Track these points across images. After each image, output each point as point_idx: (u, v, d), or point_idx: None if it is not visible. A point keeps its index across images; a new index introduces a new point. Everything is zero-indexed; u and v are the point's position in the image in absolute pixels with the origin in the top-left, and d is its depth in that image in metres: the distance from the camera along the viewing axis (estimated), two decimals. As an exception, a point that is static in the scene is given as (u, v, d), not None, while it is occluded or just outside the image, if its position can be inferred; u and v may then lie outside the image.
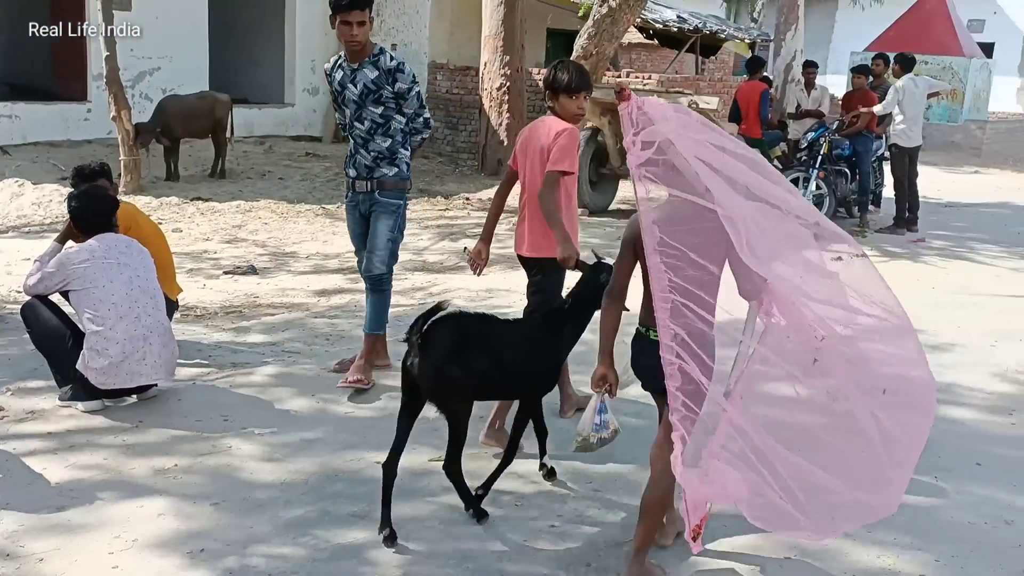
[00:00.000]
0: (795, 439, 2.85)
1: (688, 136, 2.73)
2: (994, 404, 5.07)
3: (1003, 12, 29.29)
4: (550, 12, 16.34)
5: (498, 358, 3.46)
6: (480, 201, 11.28)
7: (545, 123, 4.13)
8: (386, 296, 4.93)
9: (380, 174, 4.76)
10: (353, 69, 4.66)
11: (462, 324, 3.48)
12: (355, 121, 4.73)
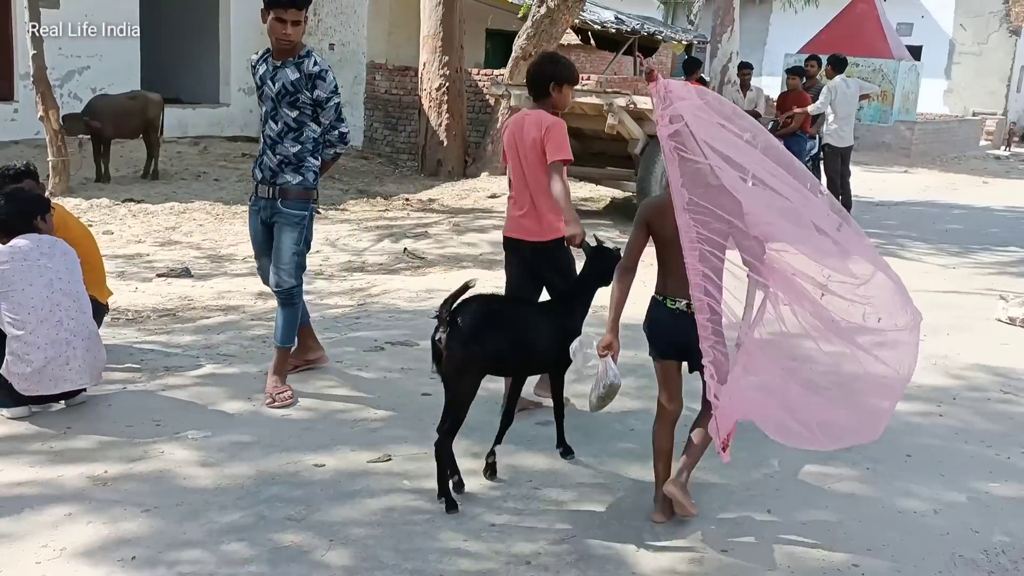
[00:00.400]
0: (799, 378, 3.30)
1: (700, 116, 3.15)
2: (924, 397, 5.19)
3: (930, 16, 30.12)
4: (490, 13, 16.35)
5: (517, 337, 3.71)
6: (420, 202, 11.24)
7: (531, 116, 4.31)
8: (298, 308, 4.73)
9: (283, 181, 4.52)
10: (276, 66, 4.49)
11: (487, 305, 3.70)
12: (269, 120, 4.54)
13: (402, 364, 5.25)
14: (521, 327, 3.77)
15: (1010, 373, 5.67)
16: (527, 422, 4.50)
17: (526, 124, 4.31)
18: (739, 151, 3.18)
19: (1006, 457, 4.39)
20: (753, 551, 3.40)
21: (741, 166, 3.17)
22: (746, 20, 25.67)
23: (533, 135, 4.24)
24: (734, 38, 16.45)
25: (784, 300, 3.23)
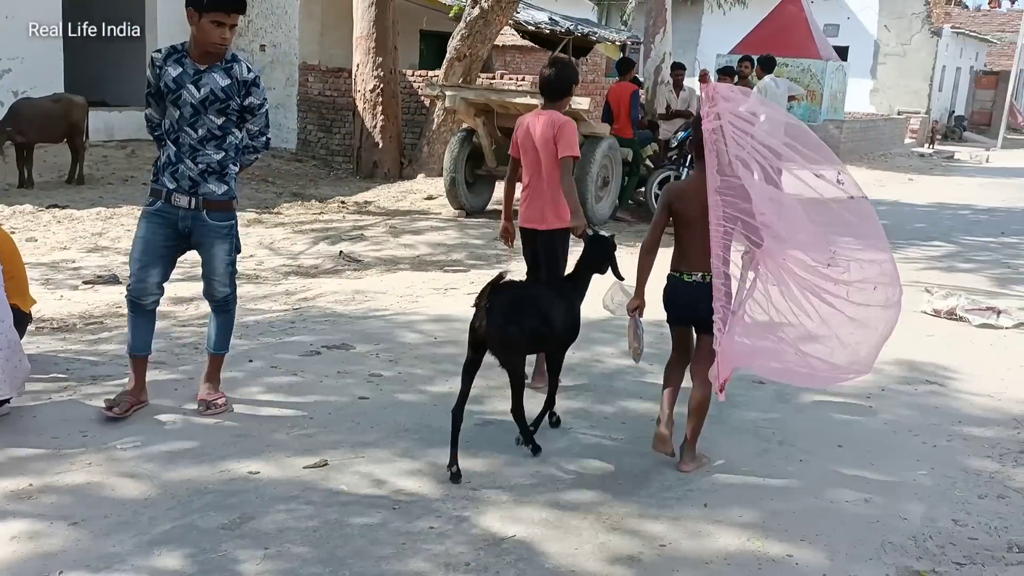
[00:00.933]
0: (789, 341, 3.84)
1: (734, 119, 3.71)
2: (853, 389, 5.29)
3: (856, 18, 30.89)
4: (423, 14, 16.28)
5: (543, 317, 4.16)
6: (356, 204, 11.13)
7: (544, 116, 4.76)
8: (233, 314, 4.61)
9: (207, 191, 4.29)
10: (199, 70, 4.21)
11: (518, 291, 4.13)
12: (187, 127, 4.23)
13: (339, 368, 5.19)
14: (545, 307, 4.21)
15: (936, 365, 5.82)
16: (466, 420, 4.48)
17: (540, 123, 4.73)
18: (756, 152, 3.71)
19: (932, 446, 4.50)
20: (690, 546, 3.43)
21: (754, 163, 3.70)
22: (678, 21, 26.01)
23: (548, 133, 4.68)
24: (667, 39, 16.62)
25: (773, 280, 3.77)
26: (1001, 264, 9.41)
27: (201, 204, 4.30)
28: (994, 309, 6.99)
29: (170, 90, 4.23)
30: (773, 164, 3.76)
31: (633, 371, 5.37)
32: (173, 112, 4.26)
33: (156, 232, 4.33)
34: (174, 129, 4.27)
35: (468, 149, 10.43)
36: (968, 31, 35.72)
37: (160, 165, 4.34)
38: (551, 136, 4.67)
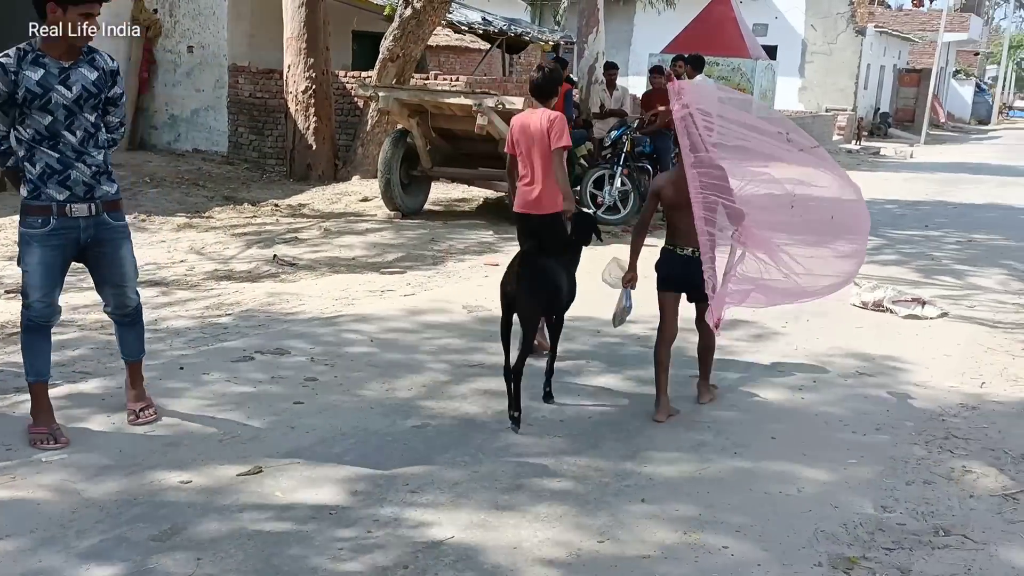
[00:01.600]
0: (774, 279, 4.64)
1: (702, 108, 4.37)
2: (785, 382, 5.40)
3: (784, 17, 31.48)
4: (355, 14, 16.13)
5: (556, 283, 4.85)
6: (290, 207, 10.98)
7: (537, 113, 5.37)
8: (143, 320, 4.46)
9: (103, 193, 4.06)
10: (64, 68, 3.91)
11: (540, 262, 4.78)
12: (64, 131, 3.94)
13: (273, 373, 5.11)
14: (557, 276, 4.88)
15: (865, 356, 5.96)
16: (401, 425, 4.46)
17: (533, 119, 5.34)
18: (726, 134, 4.44)
19: (862, 435, 4.60)
20: (628, 541, 3.45)
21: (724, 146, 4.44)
22: (611, 21, 26.20)
23: (541, 127, 5.26)
24: (600, 38, 16.73)
25: (760, 250, 4.54)
26: (925, 256, 9.67)
27: (101, 208, 4.09)
28: (919, 300, 7.18)
29: (35, 96, 3.88)
30: (752, 139, 4.53)
31: (573, 371, 5.40)
32: (40, 118, 3.91)
33: (56, 255, 4.05)
34: (46, 136, 3.94)
35: (403, 150, 10.36)
36: (891, 30, 36.68)
37: (37, 177, 3.96)
38: (545, 129, 5.24)
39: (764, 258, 4.57)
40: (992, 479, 4.10)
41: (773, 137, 4.76)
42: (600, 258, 5.47)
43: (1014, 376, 5.61)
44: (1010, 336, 6.53)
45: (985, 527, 3.62)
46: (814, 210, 4.84)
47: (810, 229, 4.85)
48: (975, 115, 48.70)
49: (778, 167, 4.77)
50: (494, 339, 5.93)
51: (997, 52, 57.51)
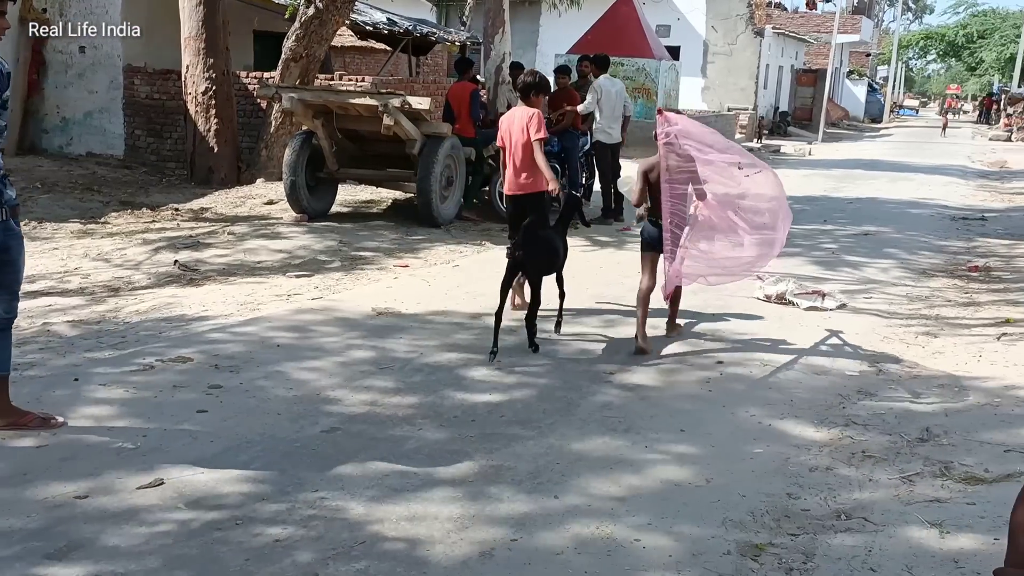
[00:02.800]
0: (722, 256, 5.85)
1: (683, 132, 5.59)
2: (693, 375, 5.49)
3: (685, 19, 32.12)
4: (256, 14, 15.80)
5: (553, 249, 6.08)
6: (191, 211, 10.68)
7: (520, 110, 6.51)
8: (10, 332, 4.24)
9: (8, 198, 3.96)
10: None
11: (539, 232, 5.95)
12: None
13: (174, 382, 4.95)
14: (553, 243, 6.10)
15: (768, 347, 6.10)
16: (310, 430, 4.37)
17: (517, 115, 6.48)
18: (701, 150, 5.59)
19: (768, 424, 4.71)
20: (542, 537, 3.44)
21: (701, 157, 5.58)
22: (517, 22, 26.29)
23: (523, 122, 6.36)
24: (506, 39, 16.76)
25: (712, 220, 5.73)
26: (824, 250, 9.98)
27: (8, 213, 3.98)
28: (819, 292, 7.39)
29: None
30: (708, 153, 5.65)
31: (483, 367, 5.38)
32: None
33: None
34: None
35: (308, 152, 10.18)
36: (788, 32, 37.80)
37: None
38: (526, 123, 6.34)
39: (718, 236, 5.79)
40: (890, 462, 4.23)
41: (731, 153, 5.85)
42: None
43: (908, 362, 5.82)
44: (904, 325, 6.78)
45: (884, 509, 3.73)
46: (756, 200, 5.92)
47: (754, 212, 5.87)
48: (868, 114, 50.61)
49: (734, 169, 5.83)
50: (405, 340, 5.89)
51: (887, 53, 59.87)
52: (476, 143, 10.97)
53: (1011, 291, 8.01)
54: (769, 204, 5.89)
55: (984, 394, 5.14)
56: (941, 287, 8.22)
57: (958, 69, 56.84)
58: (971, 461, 4.19)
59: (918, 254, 9.89)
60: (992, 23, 51.34)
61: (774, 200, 5.88)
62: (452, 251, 9.13)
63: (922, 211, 13.67)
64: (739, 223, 5.77)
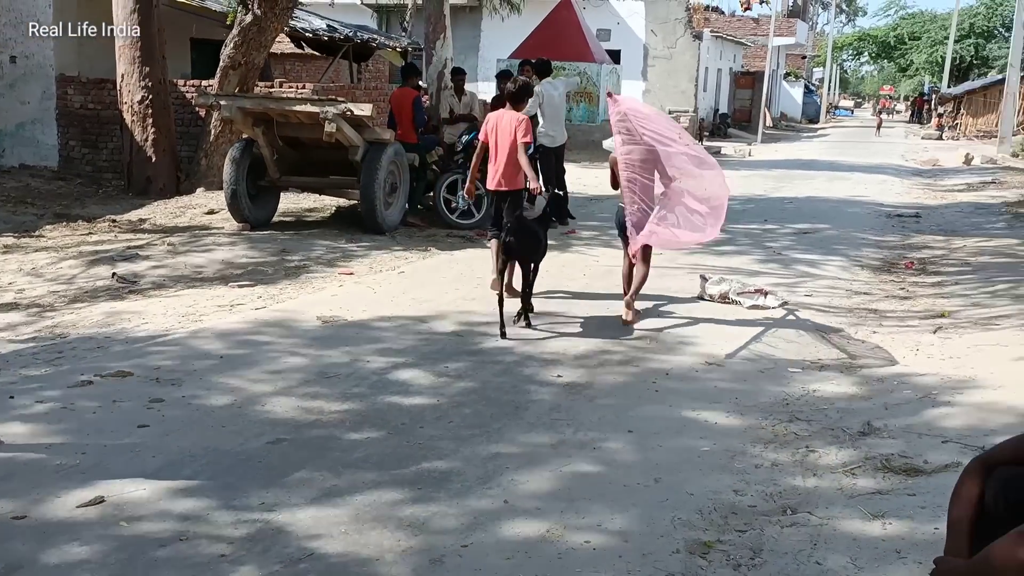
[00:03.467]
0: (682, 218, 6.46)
1: (633, 112, 6.45)
2: (639, 375, 5.53)
3: (625, 23, 32.38)
4: (193, 21, 15.58)
5: (538, 237, 6.72)
6: (129, 223, 10.47)
7: (510, 114, 7.05)
8: None
9: None
10: None
11: (527, 223, 6.64)
12: None
13: (114, 397, 4.84)
14: (538, 232, 6.78)
15: (713, 346, 6.17)
16: (255, 442, 4.31)
17: (505, 118, 7.03)
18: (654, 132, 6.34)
19: (714, 423, 4.76)
20: (492, 543, 3.44)
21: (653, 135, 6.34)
22: (458, 27, 26.25)
23: (512, 125, 6.96)
24: (447, 45, 16.73)
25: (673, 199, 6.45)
26: (765, 248, 10.13)
27: None
28: (761, 291, 7.50)
29: None
30: (666, 134, 6.41)
31: (430, 372, 5.36)
32: None
33: None
34: None
35: (249, 160, 10.05)
36: (725, 35, 38.35)
37: None
38: (515, 127, 6.93)
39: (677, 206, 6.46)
40: (833, 456, 4.30)
41: (676, 131, 6.69)
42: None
43: (850, 358, 5.92)
44: (843, 320, 6.91)
45: (828, 503, 3.79)
46: (700, 176, 6.54)
47: (699, 187, 6.52)
48: (805, 115, 51.55)
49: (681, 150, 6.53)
50: (351, 348, 5.83)
51: (822, 55, 61.07)
52: (419, 148, 10.93)
53: (945, 285, 8.22)
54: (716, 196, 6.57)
55: (922, 387, 5.25)
56: (879, 283, 8.41)
57: (890, 70, 58.18)
58: (911, 453, 4.27)
59: (857, 251, 10.10)
60: (921, 25, 52.69)
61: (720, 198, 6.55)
62: (397, 257, 9.08)
63: (859, 209, 13.96)
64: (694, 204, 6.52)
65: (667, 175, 6.42)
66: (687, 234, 6.48)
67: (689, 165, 6.46)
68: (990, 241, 10.68)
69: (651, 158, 6.40)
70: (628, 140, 6.39)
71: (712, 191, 6.51)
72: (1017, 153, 24.20)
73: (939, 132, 36.58)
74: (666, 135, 6.41)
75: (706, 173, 6.53)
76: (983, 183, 17.91)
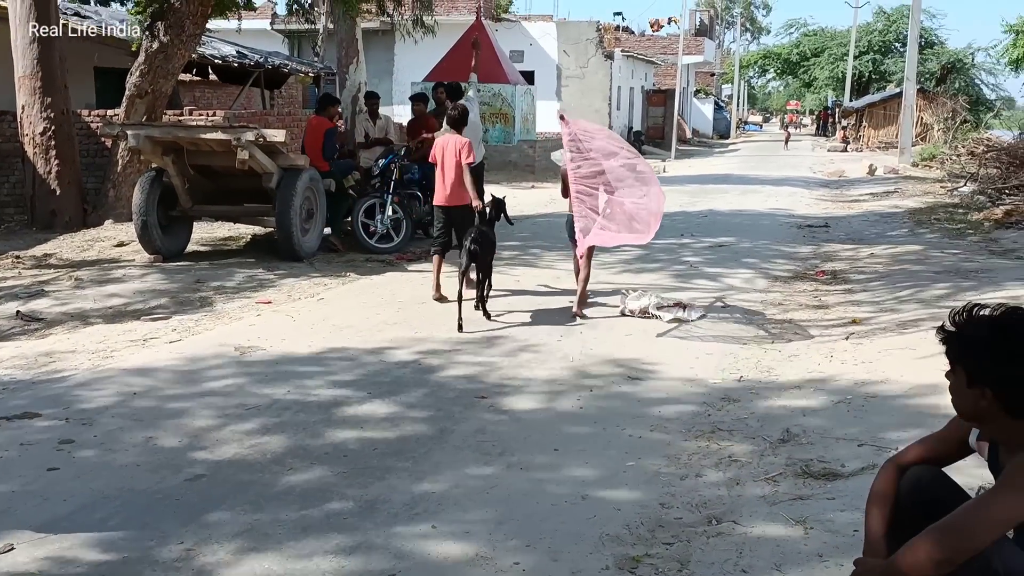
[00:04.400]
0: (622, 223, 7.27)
1: (584, 132, 7.37)
2: (563, 392, 5.55)
3: (537, 44, 32.77)
4: (96, 50, 15.19)
5: (491, 242, 7.65)
6: (34, 258, 10.09)
7: (453, 138, 7.94)
8: None
9: None
10: None
11: (484, 232, 7.55)
12: None
13: (21, 440, 4.64)
14: (491, 238, 7.69)
15: (635, 361, 6.23)
16: (172, 479, 4.17)
17: (451, 142, 7.91)
18: (600, 149, 7.34)
19: (638, 437, 4.79)
20: (419, 569, 3.39)
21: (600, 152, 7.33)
22: (371, 51, 26.17)
23: (456, 147, 7.85)
24: (361, 69, 16.67)
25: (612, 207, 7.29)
26: (682, 262, 10.31)
27: None
28: (681, 304, 7.62)
29: None
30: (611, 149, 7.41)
31: (356, 401, 5.28)
32: None
33: None
34: None
35: (159, 190, 9.82)
36: (636, 54, 39.12)
37: None
38: (458, 150, 7.82)
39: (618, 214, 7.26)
40: (755, 465, 4.38)
41: (618, 146, 7.65)
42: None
43: (767, 367, 6.05)
44: (760, 330, 7.06)
45: (752, 511, 3.85)
46: (638, 187, 7.37)
47: (638, 196, 7.33)
48: (716, 130, 52.86)
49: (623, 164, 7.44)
50: (271, 378, 5.72)
51: (730, 72, 62.73)
52: (333, 175, 10.85)
53: (855, 292, 8.47)
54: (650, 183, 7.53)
55: (837, 392, 5.39)
56: (793, 292, 8.62)
57: (795, 86, 60.05)
58: (829, 457, 4.37)
59: (770, 262, 10.34)
60: (822, 42, 54.55)
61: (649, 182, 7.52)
62: (316, 284, 8.96)
63: (771, 221, 14.33)
64: (629, 205, 7.35)
65: (610, 186, 7.27)
66: (627, 236, 7.36)
67: (630, 178, 7.34)
68: (895, 248, 11.06)
69: (596, 172, 7.28)
70: (577, 157, 7.28)
71: (649, 200, 7.31)
72: (917, 163, 25.21)
73: (844, 144, 37.86)
74: (610, 150, 7.38)
75: (645, 186, 7.35)
76: (886, 192, 18.57)
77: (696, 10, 52.57)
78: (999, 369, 2.33)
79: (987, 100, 43.13)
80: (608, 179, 7.27)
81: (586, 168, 7.26)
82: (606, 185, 7.28)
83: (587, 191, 7.26)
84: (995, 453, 2.51)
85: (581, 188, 7.25)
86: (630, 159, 7.49)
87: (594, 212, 7.21)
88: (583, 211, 7.21)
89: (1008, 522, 2.28)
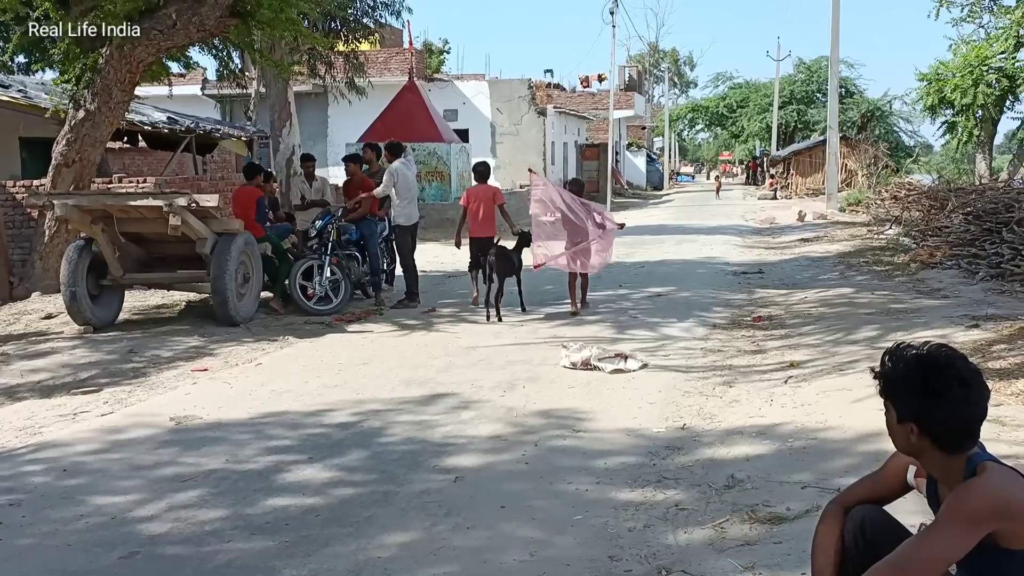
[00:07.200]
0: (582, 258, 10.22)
1: (548, 192, 10.45)
2: (508, 448, 5.50)
3: (471, 103, 33.20)
4: (21, 119, 14.94)
5: (512, 261, 10.37)
6: (-42, 333, 9.75)
7: (482, 187, 10.78)
8: None
9: None
10: None
11: (505, 250, 10.28)
12: None
13: (-57, 525, 4.43)
14: (513, 258, 10.34)
15: (579, 413, 6.22)
16: (106, 558, 4.01)
17: (483, 189, 10.75)
18: (563, 206, 10.18)
19: (585, 490, 4.76)
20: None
21: (561, 209, 10.24)
22: (305, 113, 26.22)
23: (490, 193, 10.74)
24: (294, 132, 16.67)
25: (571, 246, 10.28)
26: (622, 313, 10.39)
27: None
28: (622, 355, 7.65)
29: None
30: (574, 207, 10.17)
31: (292, 469, 5.16)
32: None
33: None
34: None
35: (88, 259, 9.61)
36: (568, 110, 39.82)
37: None
38: (492, 195, 10.72)
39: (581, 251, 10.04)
40: (702, 513, 4.37)
41: (578, 204, 10.29)
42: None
43: (709, 414, 6.09)
44: (702, 378, 7.12)
45: (701, 559, 3.83)
46: (596, 231, 10.16)
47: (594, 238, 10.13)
48: (650, 182, 53.83)
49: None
50: (208, 448, 5.57)
51: (660, 125, 64.16)
52: (269, 239, 10.77)
53: (792, 336, 8.61)
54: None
55: (779, 437, 5.44)
56: (731, 339, 8.73)
57: (724, 137, 61.63)
58: (774, 501, 4.39)
59: (708, 310, 10.48)
60: (747, 94, 56.19)
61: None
62: (254, 349, 8.81)
63: (707, 269, 14.56)
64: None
65: (573, 239, 10.20)
66: (572, 265, 10.22)
67: (589, 228, 10.15)
68: (827, 292, 11.30)
69: (561, 221, 10.24)
70: (543, 211, 10.25)
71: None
72: (844, 208, 25.95)
73: (773, 192, 38.85)
74: (574, 208, 10.13)
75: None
76: (816, 237, 19.06)
77: (625, 66, 53.84)
78: (920, 404, 2.38)
79: (906, 146, 44.68)
80: (571, 228, 10.15)
81: (549, 217, 10.20)
82: (570, 231, 10.18)
83: (549, 231, 10.26)
84: (934, 488, 2.55)
85: (540, 232, 10.23)
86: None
87: (553, 244, 10.26)
88: (539, 241, 10.23)
89: (948, 559, 2.30)
